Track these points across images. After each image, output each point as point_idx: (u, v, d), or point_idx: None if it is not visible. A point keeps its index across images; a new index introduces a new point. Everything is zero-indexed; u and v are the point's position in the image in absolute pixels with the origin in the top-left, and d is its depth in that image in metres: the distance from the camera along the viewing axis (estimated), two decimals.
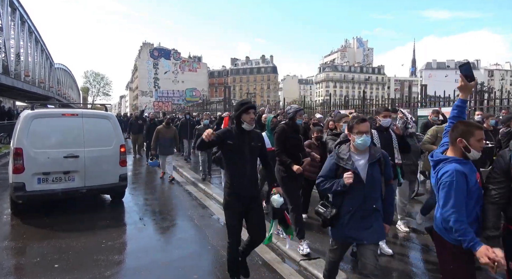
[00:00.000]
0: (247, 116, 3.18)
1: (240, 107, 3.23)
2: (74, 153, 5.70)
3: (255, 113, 3.28)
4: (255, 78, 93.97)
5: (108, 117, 6.29)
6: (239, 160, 3.20)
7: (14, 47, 30.59)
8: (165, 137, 8.80)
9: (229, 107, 23.09)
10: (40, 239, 4.69)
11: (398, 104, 12.83)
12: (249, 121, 3.18)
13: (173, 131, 9.18)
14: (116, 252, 4.36)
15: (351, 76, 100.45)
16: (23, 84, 29.87)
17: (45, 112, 6.15)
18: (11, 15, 30.00)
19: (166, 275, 3.82)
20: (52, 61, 51.31)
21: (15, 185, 5.37)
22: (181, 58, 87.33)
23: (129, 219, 5.88)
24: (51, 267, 3.84)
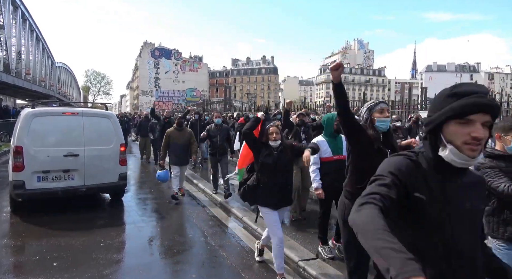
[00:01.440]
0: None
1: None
2: (74, 152, 5.71)
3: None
4: (255, 79, 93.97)
5: (108, 116, 6.31)
6: None
7: (16, 45, 30.64)
8: (178, 143, 6.71)
9: (229, 108, 23.11)
10: (39, 237, 4.70)
11: (398, 106, 12.85)
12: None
13: (188, 134, 6.91)
14: (115, 251, 4.37)
15: (352, 77, 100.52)
16: (24, 82, 29.87)
17: (45, 110, 6.16)
18: (13, 13, 30.04)
19: (165, 274, 3.83)
20: (53, 59, 51.34)
21: (15, 183, 5.38)
22: (182, 58, 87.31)
23: (128, 218, 5.88)
24: (50, 265, 3.84)
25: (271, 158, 3.47)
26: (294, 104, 20.50)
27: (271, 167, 3.46)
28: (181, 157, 6.83)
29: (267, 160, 3.47)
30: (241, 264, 4.04)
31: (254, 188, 3.55)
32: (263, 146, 3.56)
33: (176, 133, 6.76)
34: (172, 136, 6.73)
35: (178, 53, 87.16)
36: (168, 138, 6.73)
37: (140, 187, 8.41)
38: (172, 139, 6.71)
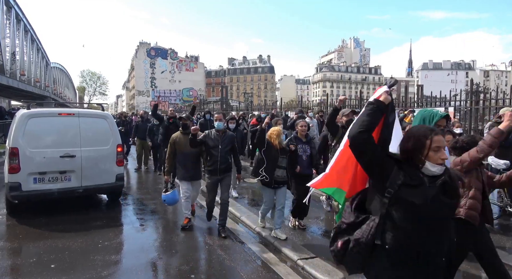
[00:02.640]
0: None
1: None
2: (70, 153, 5.67)
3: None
4: (252, 78, 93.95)
5: (104, 117, 6.27)
6: None
7: (10, 46, 30.37)
8: (186, 151, 5.09)
9: (226, 107, 23.07)
10: (36, 239, 4.66)
11: (395, 104, 12.88)
12: None
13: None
14: (113, 252, 4.35)
15: (348, 76, 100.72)
16: (19, 83, 29.65)
17: (41, 111, 6.12)
18: (7, 13, 29.79)
19: (163, 275, 3.82)
20: (48, 60, 51.00)
21: (10, 185, 5.34)
22: (178, 58, 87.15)
23: (125, 219, 5.86)
24: (48, 267, 3.82)
25: (422, 195, 1.68)
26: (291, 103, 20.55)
27: (422, 214, 1.67)
28: (191, 170, 5.18)
29: (414, 197, 1.67)
30: (241, 264, 4.03)
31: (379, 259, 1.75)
32: (408, 169, 1.75)
33: (183, 138, 5.13)
34: (179, 143, 5.16)
35: (174, 52, 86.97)
36: (173, 146, 5.19)
37: (138, 188, 8.38)
38: (178, 146, 5.15)
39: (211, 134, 4.88)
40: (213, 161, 4.84)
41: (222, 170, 4.89)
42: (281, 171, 4.67)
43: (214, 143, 4.84)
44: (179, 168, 5.27)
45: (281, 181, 4.71)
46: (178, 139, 5.22)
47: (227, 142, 4.91)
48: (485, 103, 9.44)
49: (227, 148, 4.92)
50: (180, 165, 5.25)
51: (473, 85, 9.82)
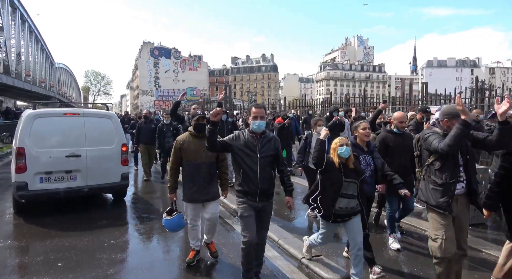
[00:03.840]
0: None
1: None
2: (76, 153, 5.72)
3: None
4: (255, 77, 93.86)
5: (109, 117, 6.32)
6: None
7: (15, 46, 30.61)
8: (196, 160, 3.80)
9: (229, 106, 23.10)
10: (43, 238, 4.72)
11: (399, 102, 12.84)
12: None
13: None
14: (119, 250, 4.39)
15: (352, 74, 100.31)
16: (24, 84, 29.88)
17: (47, 111, 6.17)
18: (12, 14, 30.01)
19: (168, 274, 3.85)
20: (52, 60, 51.32)
21: (17, 184, 5.40)
22: (182, 57, 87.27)
23: (131, 218, 5.90)
24: (55, 265, 3.87)
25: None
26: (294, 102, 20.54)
27: None
28: (203, 188, 3.79)
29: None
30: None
31: None
32: None
33: (194, 142, 3.81)
34: (187, 149, 3.79)
35: (178, 52, 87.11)
36: (178, 152, 3.83)
37: (143, 187, 8.43)
38: (186, 153, 3.80)
39: (244, 136, 3.24)
40: (248, 177, 3.20)
41: (263, 192, 3.22)
42: (346, 201, 3.31)
43: (248, 149, 3.20)
44: (186, 184, 3.84)
45: (346, 214, 3.34)
46: (186, 143, 3.80)
47: (268, 147, 3.24)
48: (491, 100, 9.37)
49: (269, 158, 3.25)
50: (187, 180, 3.81)
51: (478, 83, 9.76)
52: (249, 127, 3.30)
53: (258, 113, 3.24)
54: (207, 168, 3.83)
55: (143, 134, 8.89)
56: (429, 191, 2.99)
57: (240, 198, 3.30)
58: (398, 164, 4.20)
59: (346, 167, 3.32)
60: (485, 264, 3.92)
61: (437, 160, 2.94)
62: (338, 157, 3.30)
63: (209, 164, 3.84)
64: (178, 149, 3.84)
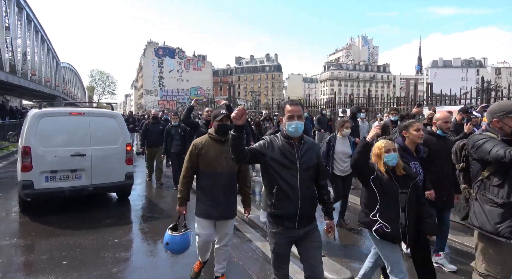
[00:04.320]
0: None
1: None
2: (81, 152, 5.76)
3: None
4: (259, 77, 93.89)
5: (114, 116, 6.35)
6: None
7: (21, 46, 30.85)
8: (216, 170, 3.18)
9: (233, 106, 23.16)
10: (48, 236, 4.76)
11: (404, 102, 12.77)
12: None
13: None
14: (123, 249, 4.42)
15: (356, 74, 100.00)
16: (30, 83, 30.11)
17: (52, 111, 6.22)
18: (18, 14, 30.26)
19: (173, 272, 3.86)
20: (58, 60, 51.67)
21: (23, 183, 5.45)
22: (186, 57, 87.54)
23: (135, 217, 5.93)
24: (60, 263, 3.90)
25: None
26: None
27: None
28: (222, 203, 3.20)
29: None
30: (249, 262, 4.05)
31: None
32: None
33: (214, 147, 3.19)
34: (205, 156, 3.17)
35: (182, 52, 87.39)
36: (195, 158, 3.20)
37: (147, 186, 8.46)
38: (203, 161, 3.18)
39: (278, 143, 2.47)
40: (285, 196, 2.42)
41: (304, 215, 2.45)
42: (403, 217, 2.79)
43: (285, 159, 2.44)
44: (201, 197, 3.22)
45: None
46: (206, 148, 3.16)
47: (310, 156, 2.50)
48: (497, 101, 9.29)
49: (311, 170, 2.50)
50: (203, 192, 3.21)
51: (484, 83, 9.68)
52: (283, 131, 2.52)
53: (294, 112, 2.43)
54: (228, 180, 3.21)
55: (150, 135, 8.30)
56: (485, 213, 2.37)
57: (274, 225, 2.48)
58: (439, 171, 3.61)
59: (395, 174, 2.78)
60: None
61: (495, 174, 2.34)
62: (384, 165, 2.75)
63: (230, 175, 3.22)
64: (195, 155, 3.18)
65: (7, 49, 26.66)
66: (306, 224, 2.49)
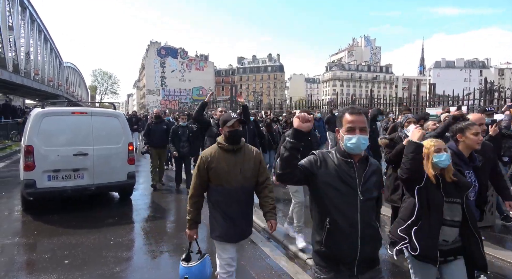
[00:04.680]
0: None
1: None
2: (83, 151, 5.78)
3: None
4: (261, 77, 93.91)
5: (116, 116, 6.37)
6: None
7: (24, 46, 30.99)
8: (229, 186, 2.65)
9: (235, 106, 23.16)
10: (50, 235, 4.77)
11: (406, 103, 12.73)
12: None
13: (253, 162, 2.77)
14: (125, 249, 4.42)
15: (358, 75, 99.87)
16: (33, 83, 30.21)
17: (55, 110, 6.24)
18: (21, 14, 30.39)
19: (173, 272, 3.86)
20: (60, 59, 51.83)
21: (26, 182, 5.47)
22: (188, 57, 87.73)
23: (137, 216, 5.94)
24: (62, 263, 3.91)
25: None
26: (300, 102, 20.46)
27: None
28: (240, 222, 2.75)
29: None
30: (251, 262, 4.05)
31: None
32: None
33: (226, 160, 2.69)
34: (216, 169, 2.67)
35: (184, 52, 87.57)
36: (204, 174, 2.71)
37: (150, 186, 8.46)
38: (215, 175, 2.68)
39: (333, 161, 1.97)
40: (340, 232, 1.91)
41: (365, 259, 1.93)
42: (450, 232, 2.34)
43: (342, 183, 1.93)
44: (216, 216, 2.71)
45: (450, 250, 2.35)
46: (216, 160, 2.65)
47: (374, 182, 1.99)
48: (500, 102, 9.26)
49: (373, 200, 2.00)
50: (217, 211, 2.71)
51: (487, 84, 9.64)
52: (339, 146, 1.98)
53: (356, 123, 1.91)
54: (245, 195, 2.71)
55: (153, 136, 7.80)
56: None
57: (323, 269, 1.94)
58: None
59: (443, 181, 2.35)
60: None
61: None
62: (433, 167, 2.34)
63: (247, 190, 2.71)
64: (204, 169, 2.66)
65: (10, 48, 26.77)
66: (367, 269, 1.92)
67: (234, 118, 2.71)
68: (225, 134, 2.69)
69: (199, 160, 2.73)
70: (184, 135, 7.28)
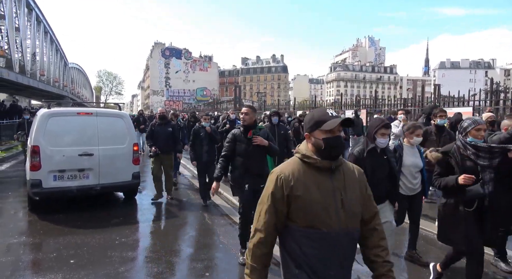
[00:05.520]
0: None
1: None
2: (88, 151, 5.81)
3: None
4: (265, 78, 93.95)
5: (121, 116, 6.40)
6: None
7: (30, 47, 31.27)
8: (325, 228, 1.55)
9: (239, 107, 23.18)
10: (56, 235, 4.81)
11: (411, 104, 12.66)
12: None
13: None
14: (130, 248, 4.44)
15: (363, 75, 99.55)
16: (39, 83, 30.48)
17: (61, 110, 6.29)
18: (28, 15, 30.68)
19: (179, 272, 3.87)
20: (66, 60, 52.22)
21: (32, 182, 5.52)
22: (192, 58, 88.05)
23: (141, 216, 5.97)
24: (67, 262, 3.93)
25: None
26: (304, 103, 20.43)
27: None
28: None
29: None
30: None
31: None
32: None
33: (318, 182, 1.60)
34: (303, 200, 1.57)
35: (188, 52, 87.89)
36: (281, 204, 1.61)
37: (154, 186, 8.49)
38: (300, 208, 1.58)
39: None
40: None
41: None
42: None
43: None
44: (304, 272, 1.60)
45: None
46: (301, 183, 1.60)
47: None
48: (506, 103, 9.18)
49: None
50: (303, 273, 1.61)
51: (493, 84, 9.56)
52: None
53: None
54: (350, 245, 1.64)
55: (156, 139, 6.68)
56: None
57: None
58: None
59: None
60: None
61: None
62: None
63: (352, 236, 1.64)
64: (282, 198, 1.61)
65: (17, 49, 27.03)
66: None
67: (335, 117, 1.61)
68: (318, 143, 1.60)
69: (273, 181, 1.62)
70: (206, 138, 6.27)
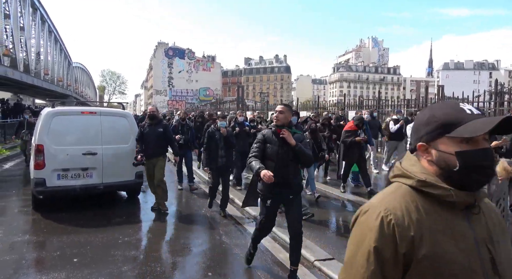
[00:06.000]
0: None
1: None
2: (92, 151, 5.83)
3: None
4: (268, 78, 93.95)
5: (125, 115, 6.43)
6: None
7: (35, 46, 31.45)
8: None
9: (242, 107, 23.17)
10: (59, 234, 4.82)
11: (414, 105, 12.62)
12: None
13: None
14: (133, 247, 4.45)
15: (366, 76, 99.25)
16: (43, 83, 30.63)
17: (65, 110, 6.33)
18: (32, 15, 30.85)
19: (181, 271, 3.88)
20: (70, 60, 52.47)
21: (36, 180, 5.54)
22: (195, 58, 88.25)
23: (144, 216, 5.98)
24: (71, 261, 3.95)
25: None
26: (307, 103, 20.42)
27: None
28: None
29: None
30: (258, 263, 4.04)
31: None
32: None
33: (453, 230, 0.94)
34: (437, 258, 0.90)
35: (192, 52, 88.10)
36: (395, 265, 0.92)
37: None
38: (433, 273, 0.90)
39: None
40: None
41: None
42: None
43: None
44: None
45: None
46: (431, 231, 0.93)
47: None
48: (510, 104, 9.12)
49: None
50: None
51: (497, 86, 9.51)
52: None
53: None
54: None
55: (147, 142, 5.79)
56: None
57: None
58: None
59: None
60: None
61: None
62: None
63: None
64: (394, 259, 0.93)
65: (21, 49, 27.19)
66: None
67: (477, 115, 1.00)
68: (446, 160, 0.99)
69: (373, 227, 0.97)
70: (222, 141, 5.69)
